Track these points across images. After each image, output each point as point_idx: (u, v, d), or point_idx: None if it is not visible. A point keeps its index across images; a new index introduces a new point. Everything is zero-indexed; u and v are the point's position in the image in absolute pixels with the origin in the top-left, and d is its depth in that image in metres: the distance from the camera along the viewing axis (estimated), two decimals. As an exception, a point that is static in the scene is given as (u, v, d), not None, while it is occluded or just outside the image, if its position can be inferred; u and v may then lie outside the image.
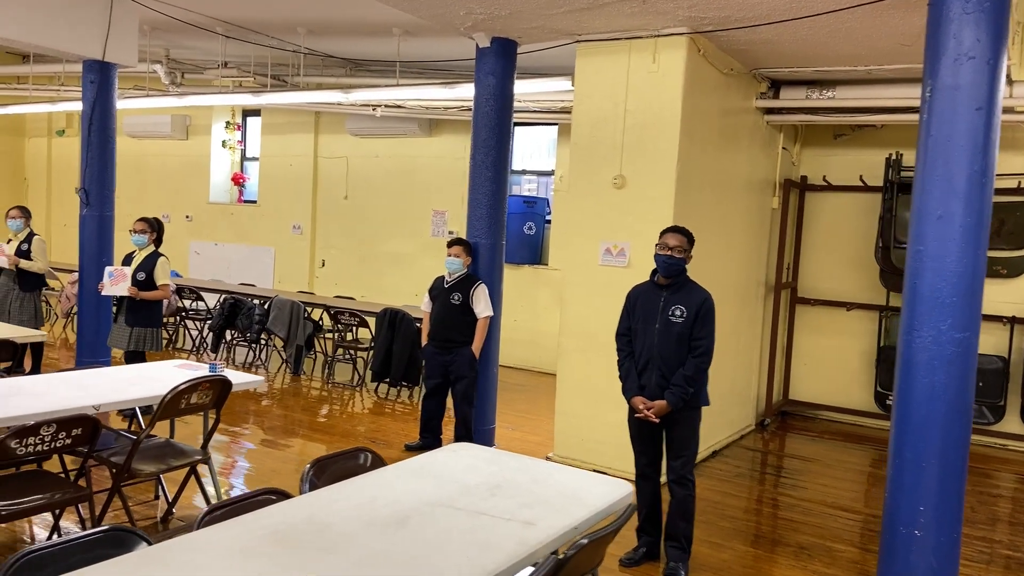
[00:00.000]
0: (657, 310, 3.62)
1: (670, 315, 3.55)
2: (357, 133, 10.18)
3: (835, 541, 4.37)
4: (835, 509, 4.91)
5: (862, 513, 4.89)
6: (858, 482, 5.67)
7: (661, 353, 3.57)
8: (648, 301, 3.69)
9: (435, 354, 5.39)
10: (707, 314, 3.52)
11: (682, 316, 3.52)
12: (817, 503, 4.98)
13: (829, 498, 5.11)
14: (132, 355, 6.01)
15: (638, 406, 3.63)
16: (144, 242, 6.05)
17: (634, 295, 3.81)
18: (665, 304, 3.60)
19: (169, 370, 4.09)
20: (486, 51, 5.37)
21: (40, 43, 6.61)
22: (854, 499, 5.21)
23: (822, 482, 5.48)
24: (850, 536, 4.47)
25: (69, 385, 3.59)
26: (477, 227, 5.52)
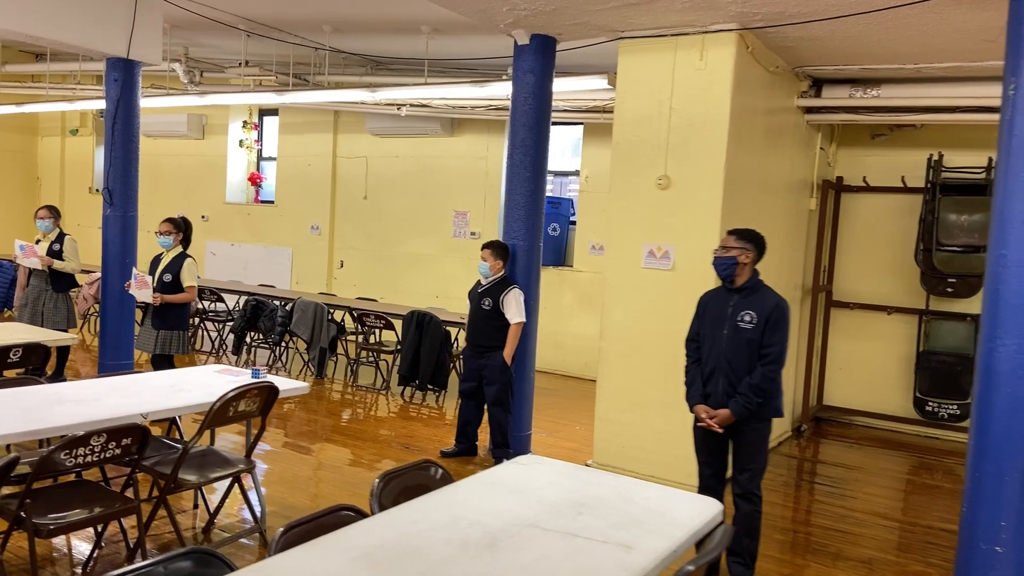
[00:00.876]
0: (725, 315, 3.48)
1: (739, 320, 3.42)
2: (377, 133, 10.06)
3: (898, 554, 4.23)
4: (888, 520, 4.77)
5: (918, 525, 4.74)
6: (906, 491, 5.52)
7: (728, 360, 3.43)
8: (717, 306, 3.55)
9: (470, 358, 5.28)
10: (779, 320, 3.38)
11: (752, 322, 3.39)
12: (868, 513, 4.84)
13: (880, 508, 4.97)
14: (159, 358, 5.89)
15: (700, 415, 3.50)
16: (170, 244, 5.93)
17: (705, 299, 3.68)
18: (735, 309, 3.47)
19: (211, 376, 3.96)
20: (525, 48, 5.24)
21: (65, 40, 6.49)
22: (905, 509, 5.07)
23: (868, 491, 5.33)
24: (913, 549, 4.32)
25: (113, 392, 3.47)
26: (514, 229, 5.39)
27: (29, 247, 6.64)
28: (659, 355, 4.95)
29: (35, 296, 6.69)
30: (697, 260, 4.80)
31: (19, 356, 4.53)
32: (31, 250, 6.62)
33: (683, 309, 4.85)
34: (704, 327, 3.58)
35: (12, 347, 4.46)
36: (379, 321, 7.44)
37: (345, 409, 6.82)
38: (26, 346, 4.53)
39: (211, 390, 3.62)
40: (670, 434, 4.92)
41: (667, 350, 4.92)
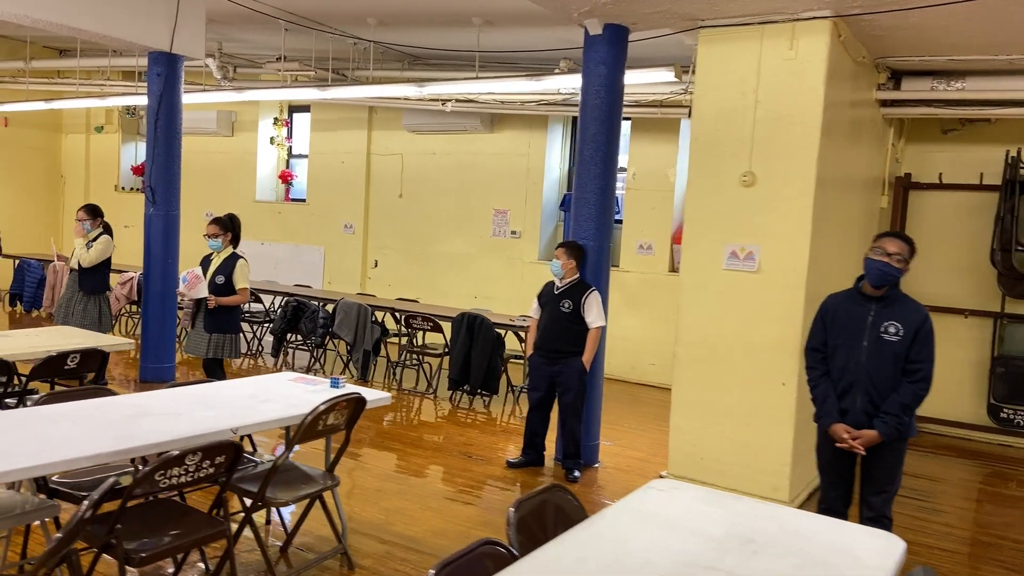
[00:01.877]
0: (864, 325, 3.21)
1: (882, 332, 3.15)
2: (414, 129, 9.83)
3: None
4: (995, 536, 4.50)
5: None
6: (998, 503, 5.25)
7: (870, 375, 3.16)
8: (852, 314, 3.28)
9: (542, 364, 5.02)
10: (928, 335, 3.11)
11: (897, 334, 3.12)
12: (969, 528, 4.58)
13: (980, 523, 4.71)
14: (211, 363, 5.69)
15: (841, 435, 3.22)
16: (220, 246, 5.73)
17: (832, 306, 3.41)
18: (876, 319, 3.19)
19: (286, 384, 3.74)
20: (597, 39, 4.99)
21: (108, 33, 6.29)
22: (1007, 524, 4.79)
23: (958, 504, 5.08)
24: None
25: (196, 404, 3.25)
26: (584, 228, 5.15)
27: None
28: (741, 362, 4.70)
29: (68, 297, 6.51)
30: (785, 262, 4.55)
31: (76, 362, 4.32)
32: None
33: (769, 313, 4.62)
34: (835, 337, 3.30)
35: (70, 353, 4.26)
36: (426, 323, 7.21)
37: (393, 413, 6.59)
38: (83, 352, 4.33)
39: (292, 401, 3.40)
40: (753, 446, 4.67)
41: (751, 357, 4.67)
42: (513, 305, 8.98)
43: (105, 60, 10.47)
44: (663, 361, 8.20)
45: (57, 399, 3.23)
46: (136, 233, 13.20)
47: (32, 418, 2.86)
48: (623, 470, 5.23)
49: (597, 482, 4.99)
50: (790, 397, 4.56)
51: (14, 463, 2.35)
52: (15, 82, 12.00)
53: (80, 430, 2.75)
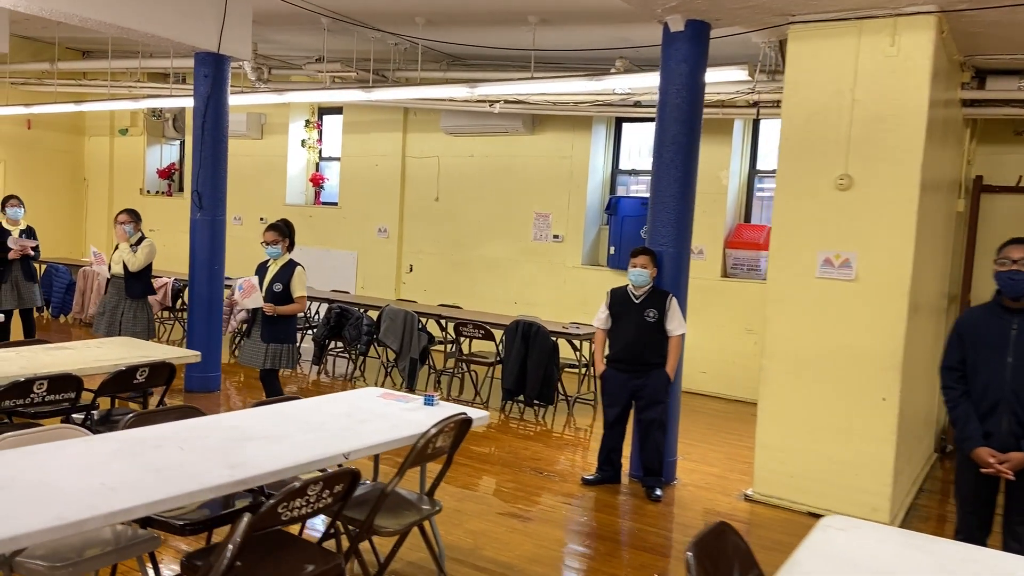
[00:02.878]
0: (1008, 340, 2.99)
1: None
2: (452, 131, 9.61)
3: None
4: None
5: None
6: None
7: (1017, 393, 2.95)
8: (992, 329, 3.06)
9: (621, 378, 4.78)
10: None
11: None
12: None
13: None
14: (267, 374, 5.48)
15: (987, 459, 3.00)
16: (279, 252, 5.53)
17: (969, 321, 3.19)
18: (1020, 333, 2.98)
19: (377, 402, 3.52)
20: (678, 36, 4.77)
21: (156, 32, 6.09)
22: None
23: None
24: None
25: (296, 425, 3.03)
26: (662, 234, 4.92)
27: (99, 255, 6.23)
28: (836, 375, 4.47)
29: (112, 304, 6.30)
30: (886, 269, 4.32)
31: (144, 376, 4.11)
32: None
33: (868, 324, 4.39)
34: (975, 354, 3.09)
35: (139, 367, 4.05)
36: (477, 331, 6.99)
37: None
38: (153, 365, 4.12)
39: (393, 421, 3.19)
40: (850, 464, 4.44)
41: (847, 370, 4.44)
42: (556, 311, 8.77)
43: (135, 61, 10.31)
44: (715, 370, 7.98)
45: (146, 420, 3.02)
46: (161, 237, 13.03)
47: (131, 444, 2.65)
48: (703, 487, 5.00)
49: (680, 501, 4.76)
50: (891, 413, 4.33)
51: (136, 497, 2.14)
52: (40, 84, 11.83)
53: (187, 457, 2.54)
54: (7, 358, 3.97)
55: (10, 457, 2.42)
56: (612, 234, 8.58)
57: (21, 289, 7.35)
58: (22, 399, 3.57)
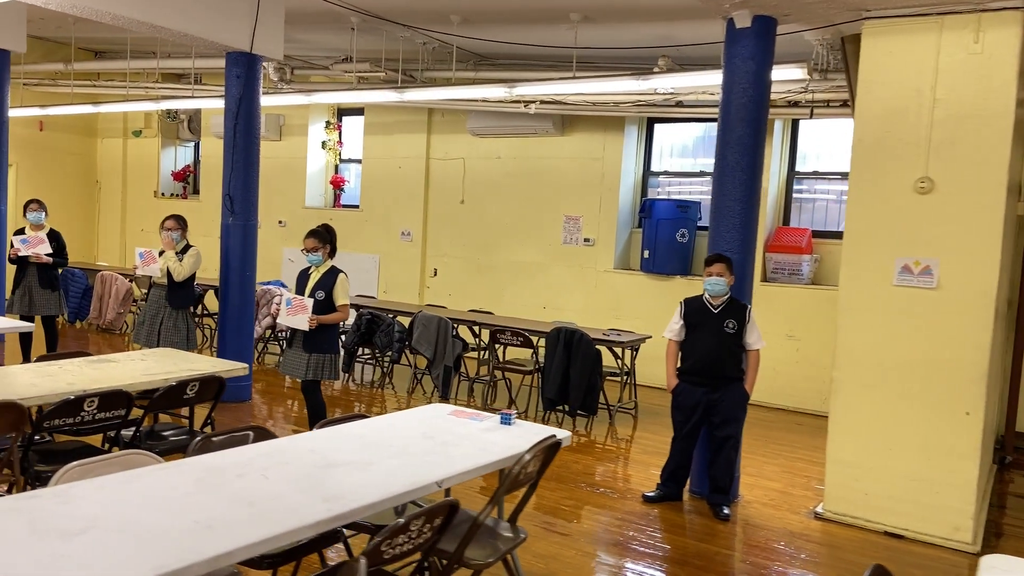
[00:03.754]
0: None
1: None
2: (479, 133, 9.41)
3: None
4: None
5: None
6: None
7: None
8: None
9: (695, 392, 4.55)
10: None
11: None
12: None
13: None
14: (309, 385, 5.27)
15: None
16: (320, 260, 5.32)
17: None
18: None
19: (453, 421, 3.31)
20: (743, 33, 4.57)
21: (189, 31, 5.89)
22: None
23: None
24: None
25: (371, 448, 2.82)
26: (726, 239, 4.72)
27: (148, 253, 6.03)
28: (915, 388, 4.27)
29: (153, 313, 6.08)
30: (971, 277, 4.12)
31: (195, 391, 3.91)
32: (150, 256, 6.00)
33: (951, 334, 4.18)
34: None
35: (189, 381, 3.84)
36: (516, 338, 6.78)
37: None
38: (203, 379, 3.92)
39: (479, 444, 2.97)
40: (932, 481, 4.23)
41: (927, 383, 4.23)
42: (587, 316, 8.56)
43: (153, 62, 10.11)
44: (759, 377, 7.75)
45: (214, 445, 2.81)
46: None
47: (210, 472, 2.44)
48: (768, 505, 4.79)
49: (749, 519, 4.55)
50: (975, 427, 4.13)
51: (235, 537, 1.93)
52: (55, 85, 11.63)
53: (276, 488, 2.33)
54: (51, 373, 3.76)
55: (84, 491, 2.22)
56: (646, 237, 8.38)
57: (34, 295, 7.11)
58: (72, 417, 3.37)
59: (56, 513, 2.03)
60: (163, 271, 6.00)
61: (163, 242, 6.06)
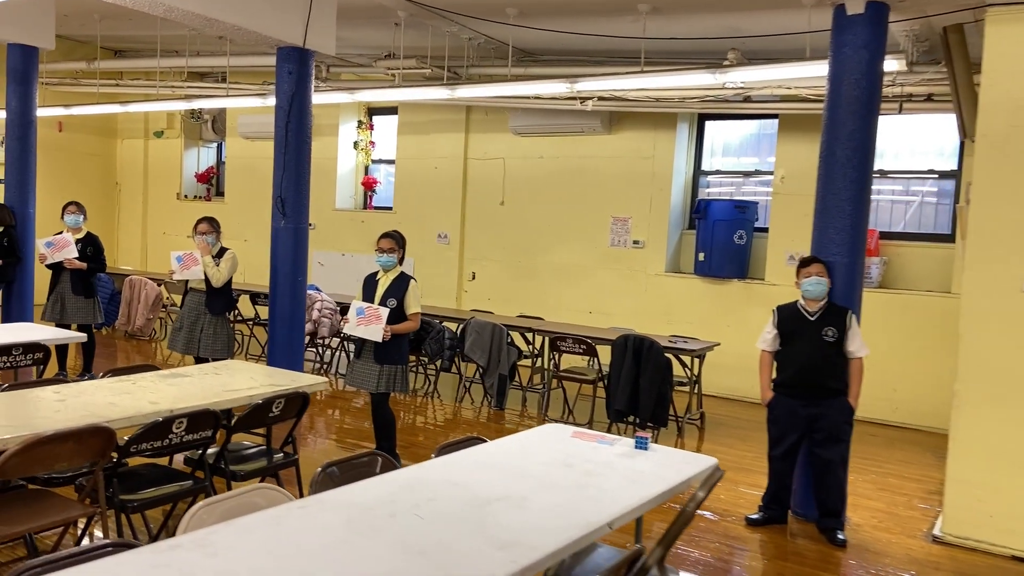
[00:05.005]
0: None
1: None
2: (521, 131, 9.10)
3: None
4: None
5: None
6: None
7: None
8: None
9: (794, 406, 4.24)
10: None
11: None
12: None
13: None
14: (379, 398, 4.96)
15: None
16: (393, 263, 5.01)
17: None
18: None
19: (582, 445, 2.99)
20: (856, 20, 4.26)
21: (242, 24, 5.59)
22: None
23: None
24: None
25: (512, 479, 2.51)
26: (832, 241, 4.42)
27: (188, 256, 5.71)
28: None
29: (191, 320, 5.78)
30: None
31: (280, 408, 3.60)
32: (190, 259, 5.67)
33: (1092, 344, 3.87)
34: None
35: (276, 398, 3.53)
36: (578, 345, 6.47)
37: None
38: (289, 396, 3.60)
39: (627, 474, 2.65)
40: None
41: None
42: (637, 321, 8.24)
43: (178, 60, 9.83)
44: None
45: (339, 476, 2.50)
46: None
47: (355, 511, 2.12)
48: (879, 528, 4.46)
49: (865, 544, 4.22)
50: (1120, 445, 3.82)
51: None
52: (77, 84, 11.34)
53: (440, 533, 2.01)
54: (127, 390, 3.45)
55: (228, 538, 1.90)
56: (701, 239, 8.06)
57: (66, 303, 6.78)
58: (159, 440, 3.06)
59: (209, 569, 1.72)
60: (204, 274, 5.70)
61: (198, 246, 5.76)
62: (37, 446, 2.57)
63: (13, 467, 2.55)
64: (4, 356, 4.31)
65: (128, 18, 9.81)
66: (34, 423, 2.81)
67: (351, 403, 6.86)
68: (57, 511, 2.80)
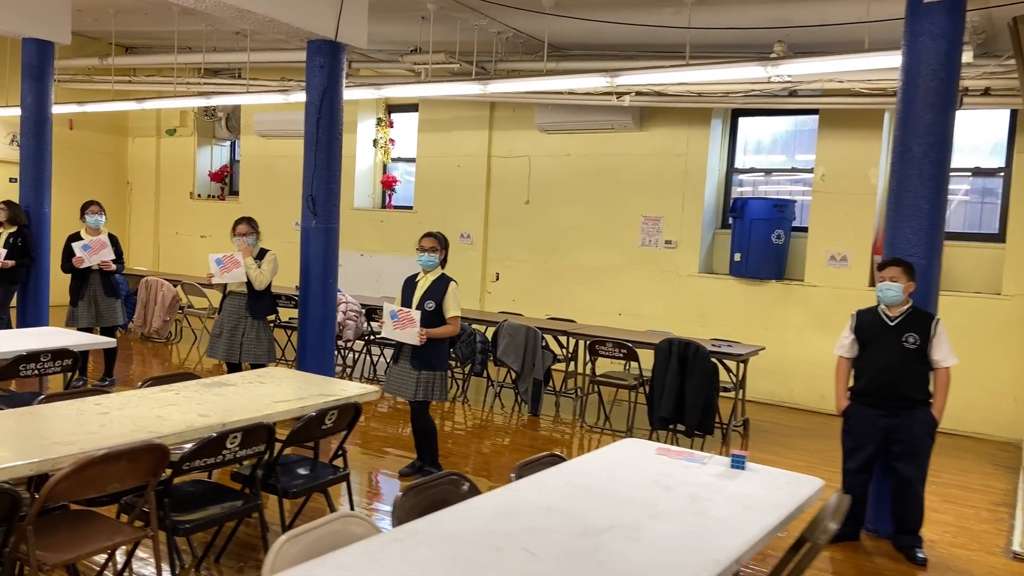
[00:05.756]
0: None
1: None
2: (548, 128, 8.86)
3: None
4: None
5: None
6: None
7: None
8: None
9: (872, 416, 3.99)
10: None
11: None
12: None
13: None
14: (419, 407, 4.73)
15: None
16: (434, 263, 4.78)
17: None
18: None
19: (672, 464, 2.76)
20: (933, 8, 4.03)
21: (273, 15, 5.36)
22: None
23: None
24: None
25: (625, 508, 2.28)
26: (911, 242, 4.16)
27: (229, 258, 5.49)
28: None
29: (232, 324, 5.54)
30: None
31: (333, 420, 3.37)
32: (231, 261, 5.45)
33: None
34: None
35: (329, 410, 3.30)
36: (618, 350, 6.23)
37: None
38: (342, 407, 3.37)
39: (736, 499, 2.42)
40: None
41: None
42: (668, 323, 8.00)
43: (198, 56, 9.59)
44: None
45: (423, 500, 2.27)
46: (215, 244, 12.30)
47: (458, 546, 1.89)
48: (955, 544, 4.22)
49: (944, 563, 3.98)
50: None
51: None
52: (90, 81, 11.11)
53: (553, 571, 1.78)
54: (172, 401, 3.22)
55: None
56: (737, 239, 7.82)
57: (100, 306, 6.58)
58: (213, 457, 2.83)
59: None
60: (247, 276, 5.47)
61: (238, 247, 5.52)
62: (88, 467, 2.34)
63: (63, 491, 2.32)
64: (32, 363, 4.08)
65: (144, 13, 9.59)
66: (80, 440, 2.58)
67: (375, 408, 6.62)
68: (105, 535, 2.57)
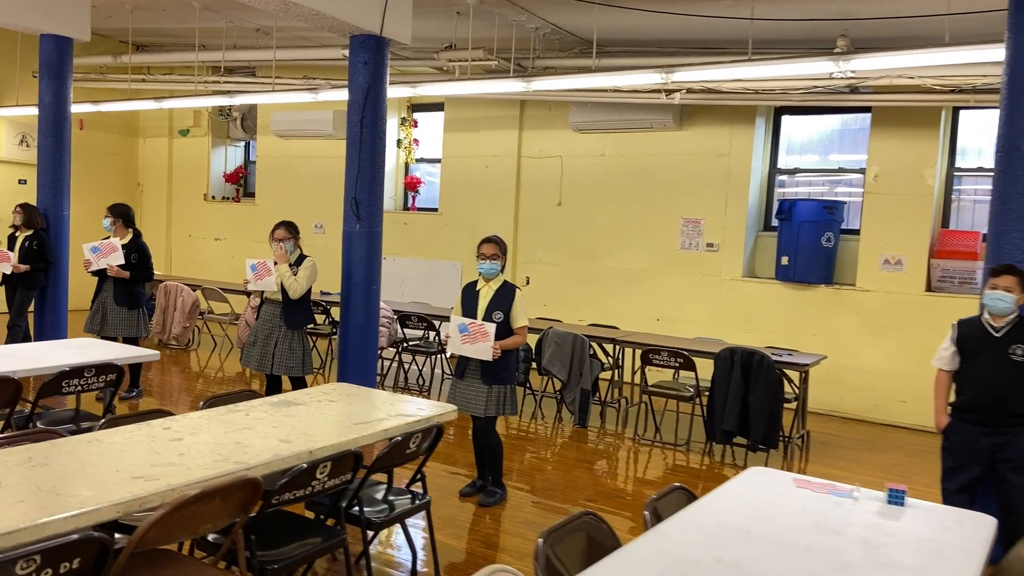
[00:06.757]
0: None
1: None
2: (583, 128, 8.57)
3: None
4: None
5: None
6: None
7: None
8: None
9: (975, 432, 3.73)
10: None
11: None
12: None
13: None
14: (487, 423, 4.43)
15: None
16: (496, 271, 4.49)
17: None
18: None
19: (814, 498, 2.47)
20: (1042, -3, 3.77)
21: (318, 8, 5.07)
22: None
23: None
24: None
25: (792, 558, 1.99)
26: (1018, 247, 3.89)
27: (262, 265, 5.21)
28: None
29: (266, 334, 5.25)
30: None
31: (417, 443, 3.07)
32: (264, 269, 5.19)
33: None
34: None
35: (413, 434, 3.00)
36: (674, 359, 5.95)
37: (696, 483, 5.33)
38: (425, 430, 3.08)
39: (912, 543, 2.14)
40: None
41: None
42: (710, 329, 7.74)
43: (217, 54, 9.30)
44: (916, 398, 6.92)
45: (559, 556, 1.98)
46: (229, 246, 11.97)
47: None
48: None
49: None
50: None
51: None
52: (103, 79, 10.79)
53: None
54: (245, 424, 2.91)
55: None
56: (784, 242, 7.55)
57: (108, 314, 6.23)
58: (303, 489, 2.54)
59: None
60: (278, 284, 5.19)
61: (275, 254, 5.23)
62: (182, 508, 2.05)
63: (154, 537, 2.02)
64: (75, 379, 3.78)
65: (162, 9, 9.28)
66: (162, 472, 2.29)
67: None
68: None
